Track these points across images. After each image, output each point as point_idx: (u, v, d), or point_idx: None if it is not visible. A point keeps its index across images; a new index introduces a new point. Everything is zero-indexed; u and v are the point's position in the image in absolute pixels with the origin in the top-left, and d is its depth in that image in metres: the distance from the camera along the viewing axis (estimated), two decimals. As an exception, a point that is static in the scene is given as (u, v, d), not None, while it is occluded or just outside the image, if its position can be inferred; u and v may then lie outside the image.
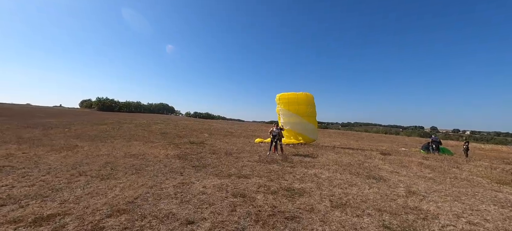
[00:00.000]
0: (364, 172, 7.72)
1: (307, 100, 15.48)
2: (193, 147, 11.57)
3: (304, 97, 15.46)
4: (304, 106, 15.24)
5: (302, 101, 15.36)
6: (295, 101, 15.31)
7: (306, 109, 15.29)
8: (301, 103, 15.24)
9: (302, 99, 15.38)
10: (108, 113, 69.89)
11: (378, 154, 12.65)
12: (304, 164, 8.52)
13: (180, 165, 7.48)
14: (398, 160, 11.10)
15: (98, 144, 11.39)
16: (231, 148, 11.94)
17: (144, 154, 9.20)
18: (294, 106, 15.15)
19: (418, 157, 12.67)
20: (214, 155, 9.64)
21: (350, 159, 10.36)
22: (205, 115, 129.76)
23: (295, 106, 15.18)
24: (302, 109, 15.17)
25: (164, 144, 12.41)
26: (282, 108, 15.44)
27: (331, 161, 9.49)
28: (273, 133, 10.55)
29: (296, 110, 15.11)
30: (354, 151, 13.89)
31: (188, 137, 16.33)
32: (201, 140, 15.10)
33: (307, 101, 15.46)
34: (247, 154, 10.39)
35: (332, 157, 10.72)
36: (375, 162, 9.95)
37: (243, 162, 8.55)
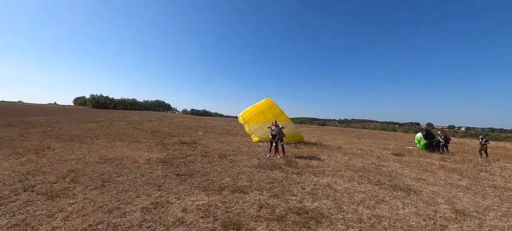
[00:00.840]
0: (386, 180, 6.39)
1: (270, 105, 14.55)
2: (183, 148, 10.14)
3: (265, 103, 14.52)
4: (269, 111, 14.26)
5: (266, 108, 14.41)
6: (259, 111, 14.24)
7: (273, 112, 14.34)
8: (265, 111, 14.22)
9: (264, 107, 14.43)
10: (102, 111, 67.79)
11: (391, 155, 11.36)
12: (312, 170, 7.16)
13: (161, 173, 6.06)
14: (415, 162, 9.80)
15: (74, 145, 9.89)
16: (226, 149, 10.53)
17: (123, 158, 7.75)
18: (261, 117, 13.99)
19: (434, 158, 11.39)
20: (206, 159, 8.23)
21: (363, 162, 9.03)
22: (202, 112, 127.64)
23: (261, 116, 14.10)
24: (270, 114, 14.23)
25: (151, 144, 10.96)
26: (252, 124, 14.13)
27: (342, 165, 8.15)
28: (272, 132, 9.24)
29: (266, 119, 14.09)
30: (363, 151, 12.58)
31: (180, 136, 14.88)
32: (194, 139, 13.66)
33: (270, 105, 14.53)
34: (244, 157, 9.00)
35: (341, 159, 9.38)
36: (392, 166, 8.63)
37: (240, 167, 7.15)
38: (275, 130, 9.24)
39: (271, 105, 14.49)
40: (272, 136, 9.26)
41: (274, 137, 9.21)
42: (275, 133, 9.20)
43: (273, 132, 9.24)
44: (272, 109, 14.33)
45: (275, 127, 9.33)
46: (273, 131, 9.25)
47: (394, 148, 15.97)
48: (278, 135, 9.20)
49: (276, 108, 14.46)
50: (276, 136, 9.19)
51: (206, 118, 58.05)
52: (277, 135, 9.19)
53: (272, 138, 9.25)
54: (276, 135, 9.20)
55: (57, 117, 28.51)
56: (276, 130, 9.24)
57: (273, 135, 9.22)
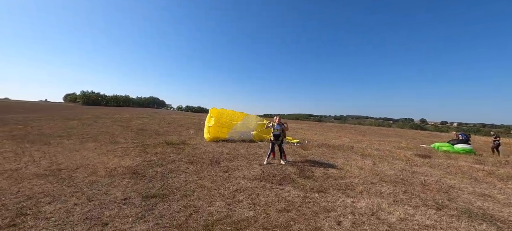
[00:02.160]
0: (444, 200, 4.57)
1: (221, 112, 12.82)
2: (167, 151, 8.16)
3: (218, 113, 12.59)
4: (229, 113, 12.74)
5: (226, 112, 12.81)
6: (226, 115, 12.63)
7: (234, 113, 12.86)
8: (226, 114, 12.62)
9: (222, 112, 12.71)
10: (92, 108, 64.98)
11: (416, 157, 9.59)
12: (335, 183, 5.29)
13: (121, 195, 4.10)
14: (452, 166, 8.03)
15: (32, 148, 7.85)
16: (220, 152, 8.59)
17: (80, 168, 5.75)
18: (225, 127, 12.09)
19: (467, 160, 9.67)
20: (192, 166, 6.28)
21: (391, 168, 7.21)
22: (198, 109, 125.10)
23: (230, 117, 12.56)
24: (236, 116, 12.76)
25: (128, 146, 8.95)
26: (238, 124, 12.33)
27: (369, 173, 6.32)
28: (274, 132, 7.29)
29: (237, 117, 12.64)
30: (381, 152, 10.79)
31: (168, 135, 12.87)
32: (183, 139, 11.67)
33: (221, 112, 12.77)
34: (242, 162, 7.08)
35: (364, 164, 7.55)
36: (430, 173, 6.82)
37: (237, 180, 5.23)
38: (278, 130, 7.30)
39: (222, 112, 12.64)
40: (274, 137, 7.31)
41: (277, 138, 7.29)
42: (278, 133, 7.31)
43: (276, 132, 7.31)
44: (227, 114, 12.59)
45: (278, 125, 7.35)
46: (275, 131, 7.31)
47: (408, 146, 14.27)
48: (280, 136, 7.31)
49: (229, 112, 12.81)
50: (279, 137, 7.33)
51: (201, 115, 55.86)
52: (280, 136, 7.30)
53: (274, 140, 7.29)
54: (279, 136, 7.33)
55: (41, 114, 26.23)
56: (279, 129, 7.30)
57: (276, 135, 7.31)
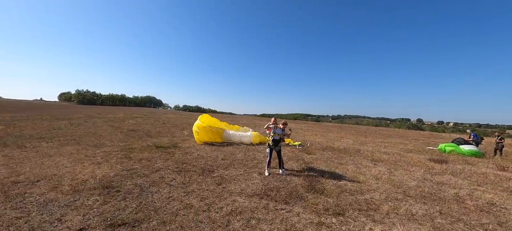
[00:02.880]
0: (494, 224, 3.65)
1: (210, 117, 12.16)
2: (154, 157, 7.15)
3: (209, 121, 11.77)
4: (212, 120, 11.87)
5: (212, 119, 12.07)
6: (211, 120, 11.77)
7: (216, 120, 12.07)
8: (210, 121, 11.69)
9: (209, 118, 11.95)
10: (87, 107, 63.52)
11: (432, 163, 8.69)
12: (353, 200, 4.32)
13: (77, 223, 3.12)
14: (476, 173, 7.14)
15: (1, 152, 6.81)
16: (214, 157, 7.60)
17: (42, 180, 4.73)
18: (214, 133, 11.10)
19: (487, 166, 8.80)
20: (180, 177, 5.29)
21: (410, 177, 6.29)
22: (195, 109, 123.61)
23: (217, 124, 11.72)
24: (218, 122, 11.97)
25: (112, 150, 7.93)
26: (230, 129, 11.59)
27: (389, 184, 5.39)
28: (274, 136, 6.06)
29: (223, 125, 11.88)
30: (391, 156, 9.89)
31: (159, 137, 11.85)
32: (175, 141, 10.66)
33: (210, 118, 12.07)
34: (239, 170, 6.11)
35: (378, 172, 6.62)
36: (456, 183, 5.91)
37: (233, 197, 4.25)
38: (280, 135, 6.13)
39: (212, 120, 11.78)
40: (274, 142, 6.06)
41: (277, 143, 6.10)
42: (278, 138, 6.12)
43: (276, 136, 6.07)
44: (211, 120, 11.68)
45: (280, 129, 6.14)
46: (275, 135, 6.06)
47: (415, 148, 13.40)
48: (281, 141, 6.23)
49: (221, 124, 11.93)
50: (279, 142, 6.17)
51: (199, 115, 54.76)
52: (280, 141, 6.20)
53: (274, 145, 6.05)
54: (279, 141, 6.17)
55: (31, 114, 25.07)
56: (281, 135, 6.15)
57: (275, 140, 6.07)
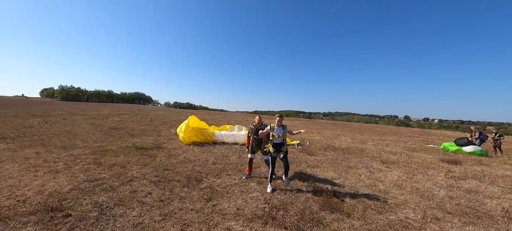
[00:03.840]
0: None
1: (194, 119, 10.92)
2: (130, 161, 5.92)
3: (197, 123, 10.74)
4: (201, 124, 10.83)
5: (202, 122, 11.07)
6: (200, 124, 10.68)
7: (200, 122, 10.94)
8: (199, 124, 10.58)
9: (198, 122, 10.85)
10: (71, 103, 60.17)
11: (446, 164, 7.90)
12: (382, 222, 3.31)
13: None
14: (502, 177, 6.37)
15: None
16: (203, 160, 6.45)
17: (-34, 198, 3.46)
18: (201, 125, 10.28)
19: (505, 167, 8.11)
20: (158, 190, 4.12)
21: (435, 184, 5.40)
22: (186, 105, 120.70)
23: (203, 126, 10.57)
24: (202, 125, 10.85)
25: (82, 153, 6.63)
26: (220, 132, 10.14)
27: (416, 195, 4.46)
28: (274, 139, 4.53)
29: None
30: (398, 156, 9.08)
31: (143, 136, 10.54)
32: (160, 141, 9.40)
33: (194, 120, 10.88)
34: (233, 178, 5.01)
35: (395, 178, 5.70)
36: (493, 193, 5.06)
37: (226, 220, 3.14)
38: (280, 135, 4.51)
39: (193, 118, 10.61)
40: (275, 147, 4.51)
41: (279, 148, 4.52)
42: (280, 141, 4.55)
43: (276, 139, 4.51)
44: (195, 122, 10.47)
45: (279, 129, 4.53)
46: (275, 138, 4.51)
47: (417, 147, 12.76)
48: (284, 145, 4.63)
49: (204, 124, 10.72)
50: (282, 146, 4.56)
51: (189, 112, 52.98)
52: (284, 145, 4.61)
53: (276, 152, 4.56)
54: (282, 145, 4.57)
55: (7, 111, 22.83)
56: (282, 135, 4.53)
57: (277, 144, 4.52)
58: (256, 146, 5.08)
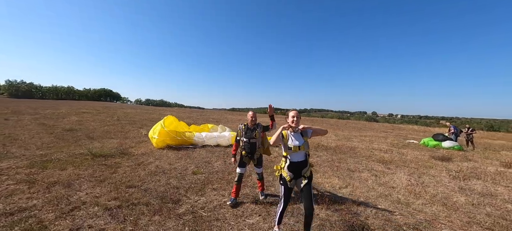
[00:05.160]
0: None
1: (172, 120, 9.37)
2: (82, 174, 4.46)
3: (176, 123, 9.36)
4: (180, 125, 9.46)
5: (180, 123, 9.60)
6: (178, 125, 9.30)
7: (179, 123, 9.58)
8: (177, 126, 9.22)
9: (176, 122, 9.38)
10: (20, 101, 52.25)
11: (440, 162, 7.69)
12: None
13: None
14: (493, 174, 6.20)
15: None
16: (181, 169, 5.22)
17: None
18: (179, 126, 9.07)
19: (491, 163, 8.19)
20: (115, 221, 2.87)
21: (448, 188, 4.91)
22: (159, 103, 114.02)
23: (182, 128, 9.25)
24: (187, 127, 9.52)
25: (12, 165, 4.93)
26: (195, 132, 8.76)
27: (438, 204, 3.84)
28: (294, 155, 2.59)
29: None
30: (390, 154, 8.75)
31: (105, 139, 8.80)
32: (127, 145, 7.81)
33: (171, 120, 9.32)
34: (222, 195, 3.91)
35: (406, 182, 5.12)
36: (504, 195, 4.69)
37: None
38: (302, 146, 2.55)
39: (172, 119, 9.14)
40: (293, 167, 2.58)
41: (299, 170, 2.59)
42: (301, 157, 2.58)
43: (295, 154, 2.57)
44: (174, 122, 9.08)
45: (297, 135, 2.61)
46: (293, 153, 2.57)
47: (397, 142, 12.85)
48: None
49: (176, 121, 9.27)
50: (304, 167, 2.60)
51: (163, 109, 49.64)
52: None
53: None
54: (305, 163, 2.61)
55: None
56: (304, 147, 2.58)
57: (295, 164, 2.57)
58: (247, 155, 3.69)
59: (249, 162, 3.75)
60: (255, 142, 3.67)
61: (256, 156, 3.72)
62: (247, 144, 3.66)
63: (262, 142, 3.78)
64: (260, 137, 3.72)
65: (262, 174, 3.87)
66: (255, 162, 3.76)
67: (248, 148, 3.66)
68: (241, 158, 3.71)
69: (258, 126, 3.71)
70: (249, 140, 3.64)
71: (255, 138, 3.64)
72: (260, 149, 3.75)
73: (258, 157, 3.73)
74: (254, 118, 3.66)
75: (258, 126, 3.71)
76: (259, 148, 3.71)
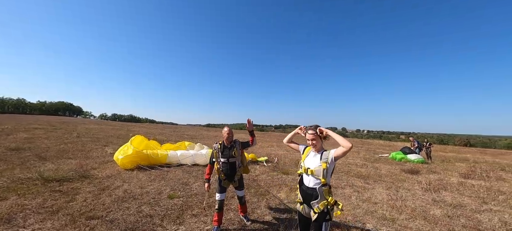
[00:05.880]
0: None
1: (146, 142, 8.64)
2: (28, 206, 3.65)
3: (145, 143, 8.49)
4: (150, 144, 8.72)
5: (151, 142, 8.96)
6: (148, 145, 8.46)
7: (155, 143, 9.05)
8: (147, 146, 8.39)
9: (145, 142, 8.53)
10: (-48, 114, 44.23)
11: (411, 175, 8.18)
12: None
13: None
14: (458, 185, 6.74)
15: None
16: (155, 193, 4.65)
17: None
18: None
19: (451, 175, 8.96)
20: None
21: (424, 201, 5.12)
22: (128, 118, 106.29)
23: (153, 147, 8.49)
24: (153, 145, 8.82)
25: None
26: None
27: (420, 219, 3.93)
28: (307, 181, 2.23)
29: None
30: (366, 169, 9.09)
31: (62, 159, 7.65)
32: (89, 166, 6.85)
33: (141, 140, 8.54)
34: (202, 221, 3.51)
35: (387, 197, 5.24)
36: (476, 207, 5.04)
37: None
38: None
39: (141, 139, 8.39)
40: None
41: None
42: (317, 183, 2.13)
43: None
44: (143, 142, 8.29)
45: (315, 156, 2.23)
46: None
47: (369, 157, 13.57)
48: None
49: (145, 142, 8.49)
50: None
51: (132, 125, 46.30)
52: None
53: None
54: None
55: None
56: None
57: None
58: (226, 179, 3.25)
59: (228, 185, 3.32)
60: (235, 161, 3.27)
61: (237, 177, 3.32)
62: (225, 165, 3.24)
63: (241, 160, 3.41)
64: (239, 155, 3.35)
65: (244, 197, 3.50)
66: (236, 184, 3.35)
67: (227, 169, 3.24)
68: (220, 183, 3.26)
69: (235, 143, 3.32)
70: (227, 160, 3.23)
71: (234, 157, 3.24)
72: (241, 169, 3.37)
73: (239, 178, 3.35)
74: (231, 135, 3.28)
75: (235, 143, 3.32)
76: (239, 168, 3.33)
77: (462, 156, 18.48)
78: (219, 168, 3.28)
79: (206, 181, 3.35)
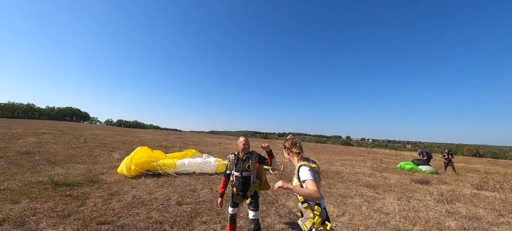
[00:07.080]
0: None
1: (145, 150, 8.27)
2: (41, 209, 3.68)
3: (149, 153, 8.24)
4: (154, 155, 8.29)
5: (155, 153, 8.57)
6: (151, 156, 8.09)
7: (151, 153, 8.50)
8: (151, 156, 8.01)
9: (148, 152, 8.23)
10: (-36, 119, 45.48)
11: (421, 185, 7.98)
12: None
13: None
14: (471, 196, 6.54)
15: None
16: (163, 199, 4.64)
17: None
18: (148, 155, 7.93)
19: (463, 186, 8.71)
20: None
21: (438, 213, 4.98)
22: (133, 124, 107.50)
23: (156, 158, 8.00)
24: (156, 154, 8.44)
25: None
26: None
27: (436, 229, 3.83)
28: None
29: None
30: (374, 179, 8.91)
31: (70, 163, 7.73)
32: (97, 171, 6.91)
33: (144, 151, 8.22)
34: (212, 228, 3.48)
35: (399, 208, 5.11)
36: (496, 220, 4.89)
37: None
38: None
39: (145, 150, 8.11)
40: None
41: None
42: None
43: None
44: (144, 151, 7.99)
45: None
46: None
47: (378, 166, 13.34)
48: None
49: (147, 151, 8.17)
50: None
51: (137, 131, 46.68)
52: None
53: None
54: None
55: None
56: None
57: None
58: (239, 194, 2.92)
59: (241, 201, 2.95)
60: (249, 175, 2.88)
61: (250, 194, 2.88)
62: (238, 179, 2.88)
63: (258, 175, 3.02)
64: (255, 169, 2.95)
65: (258, 220, 2.88)
66: (249, 202, 2.88)
67: (240, 184, 2.88)
68: (232, 197, 2.97)
69: (252, 155, 2.93)
70: (241, 174, 2.86)
71: (248, 170, 2.85)
72: (255, 184, 2.93)
73: (252, 194, 2.89)
74: (247, 145, 2.92)
75: (252, 155, 2.93)
76: (253, 183, 2.91)
77: (472, 166, 18.00)
78: (232, 182, 2.99)
79: (219, 195, 3.07)
